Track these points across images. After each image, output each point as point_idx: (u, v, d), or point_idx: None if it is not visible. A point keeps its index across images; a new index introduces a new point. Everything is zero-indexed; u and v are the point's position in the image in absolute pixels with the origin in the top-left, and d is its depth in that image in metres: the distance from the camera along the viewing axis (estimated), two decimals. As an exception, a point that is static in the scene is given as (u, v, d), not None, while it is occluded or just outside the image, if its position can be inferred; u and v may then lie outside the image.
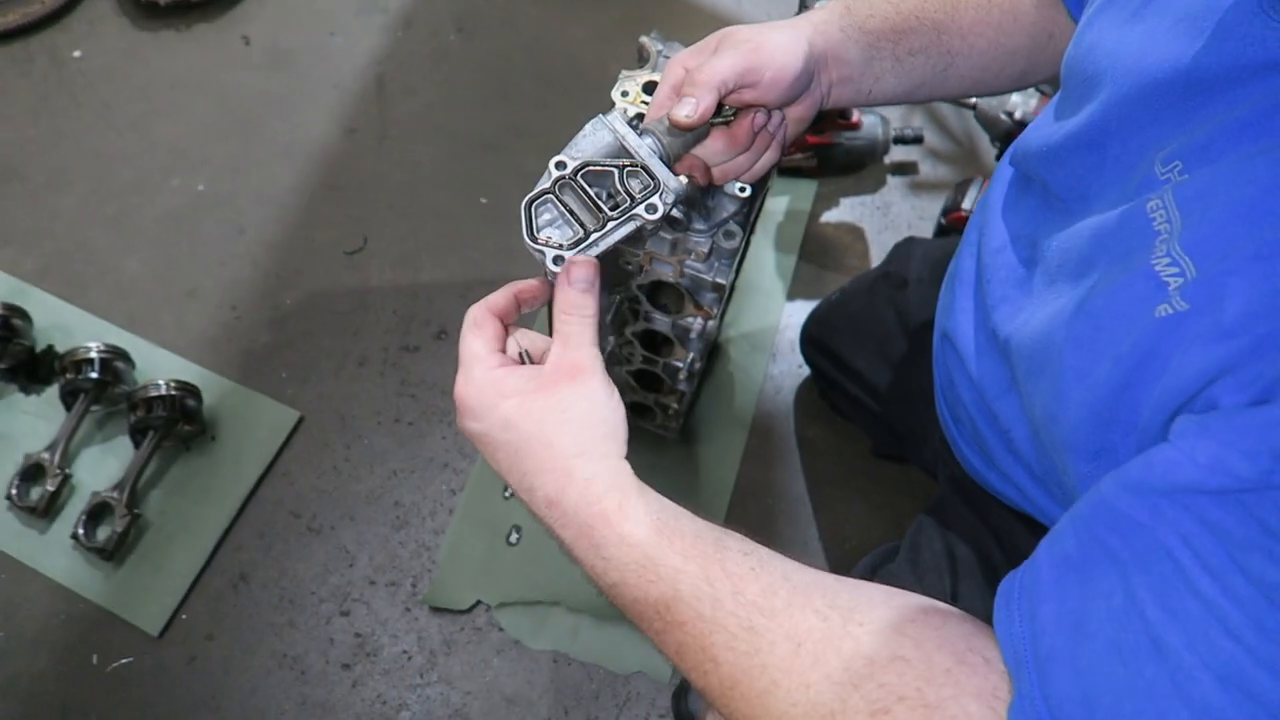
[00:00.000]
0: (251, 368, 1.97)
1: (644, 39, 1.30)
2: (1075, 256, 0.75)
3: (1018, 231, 0.92)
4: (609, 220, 0.86)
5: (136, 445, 1.85)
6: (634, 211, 0.87)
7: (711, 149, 0.98)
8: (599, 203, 0.87)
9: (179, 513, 1.83)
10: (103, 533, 1.77)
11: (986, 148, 2.35)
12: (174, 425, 1.83)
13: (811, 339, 1.68)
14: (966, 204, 2.00)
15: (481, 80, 2.39)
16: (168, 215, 2.18)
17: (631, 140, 0.91)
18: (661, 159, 0.92)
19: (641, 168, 0.89)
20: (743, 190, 1.12)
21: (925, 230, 2.28)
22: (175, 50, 2.43)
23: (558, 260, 0.83)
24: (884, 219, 2.27)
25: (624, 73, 1.19)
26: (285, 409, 1.94)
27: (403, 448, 1.91)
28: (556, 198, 0.87)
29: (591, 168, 0.90)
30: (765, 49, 0.91)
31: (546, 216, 0.88)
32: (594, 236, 0.86)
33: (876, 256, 2.24)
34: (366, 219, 2.18)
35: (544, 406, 0.74)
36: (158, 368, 1.97)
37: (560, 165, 0.88)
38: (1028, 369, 0.78)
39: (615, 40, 2.48)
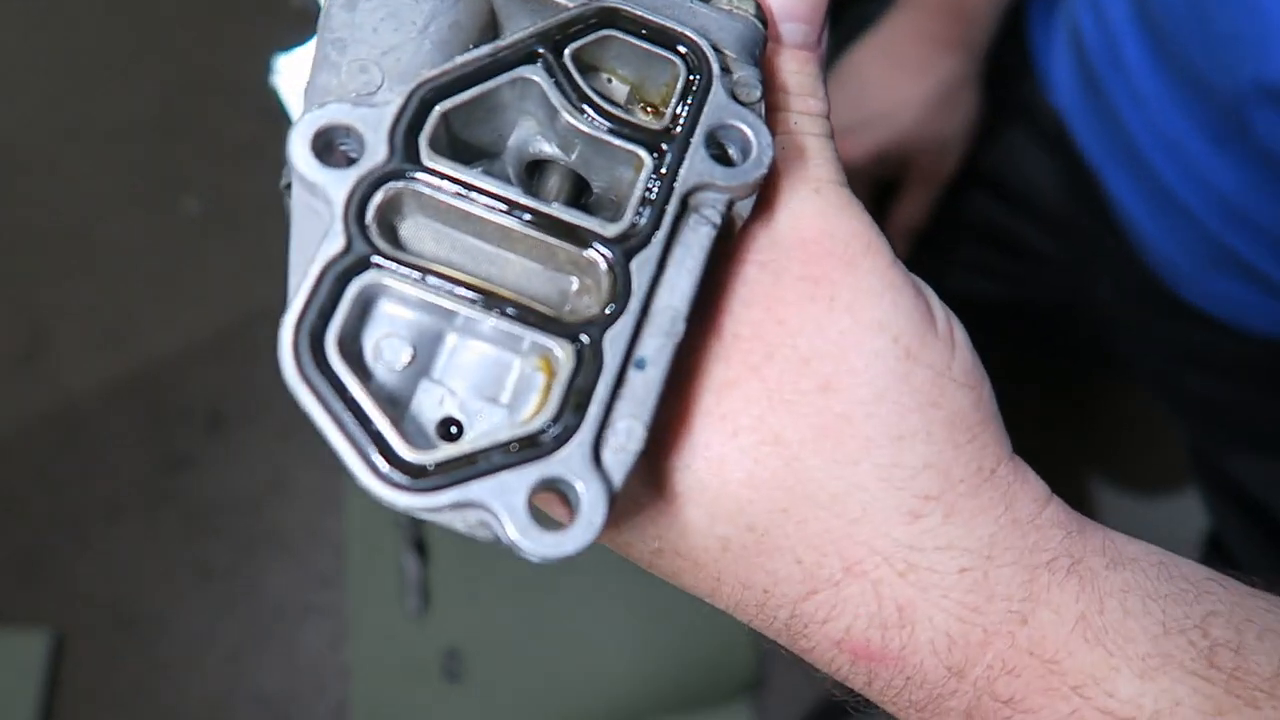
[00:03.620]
0: None
1: None
2: None
3: None
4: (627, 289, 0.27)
5: None
6: (699, 200, 0.28)
7: None
8: (548, 211, 0.27)
9: None
10: None
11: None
12: None
13: None
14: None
15: (120, 25, 1.84)
16: None
17: None
18: None
19: (640, 25, 0.29)
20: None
21: None
22: None
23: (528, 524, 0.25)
24: None
25: None
26: (24, 635, 1.43)
27: (232, 611, 1.46)
28: (401, 265, 0.26)
29: (459, 99, 0.27)
30: None
31: (391, 341, 0.27)
32: (604, 391, 0.26)
33: None
34: (27, 298, 1.67)
35: (774, 381, 0.32)
36: None
37: (332, 138, 0.26)
38: None
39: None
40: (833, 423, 0.32)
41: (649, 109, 0.32)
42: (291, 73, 0.59)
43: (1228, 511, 0.89)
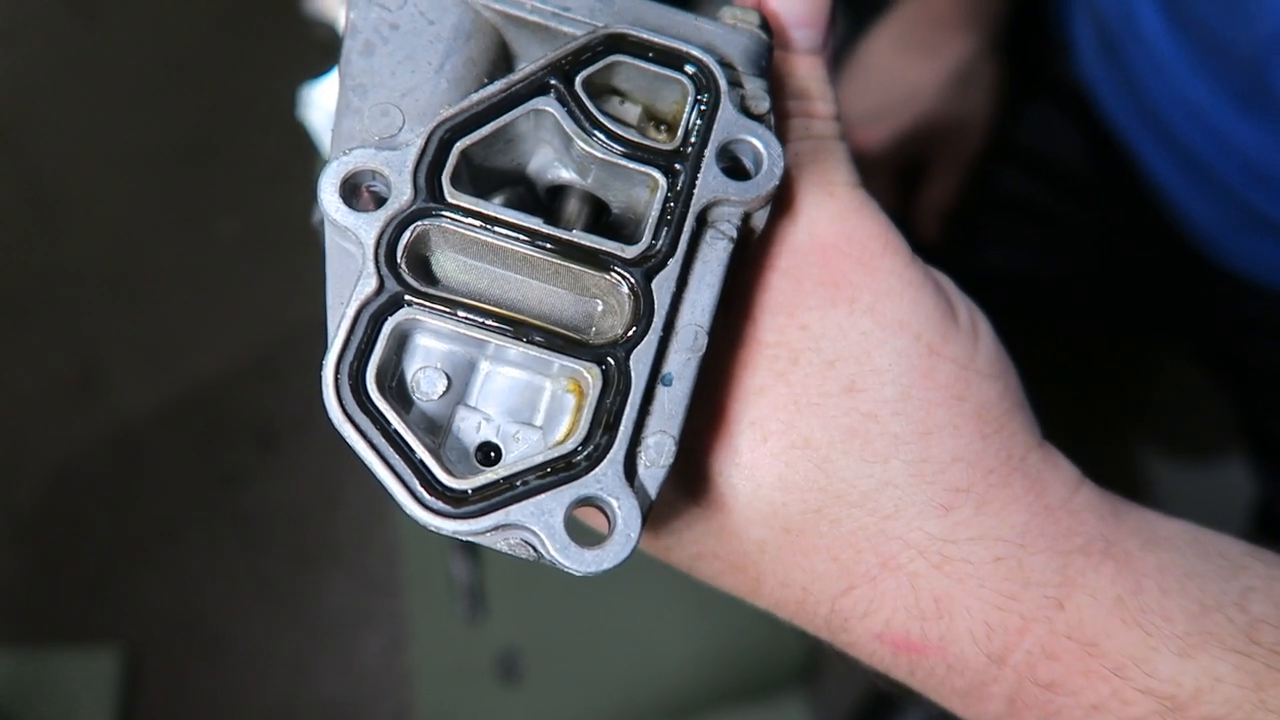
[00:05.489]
0: (21, 617, 1.49)
1: None
2: None
3: None
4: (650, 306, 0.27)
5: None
6: (715, 215, 0.29)
7: None
8: (568, 238, 0.28)
9: None
10: None
11: None
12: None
13: None
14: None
15: (148, 57, 1.86)
16: None
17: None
18: None
19: (647, 47, 0.30)
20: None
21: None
22: None
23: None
24: None
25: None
26: (97, 654, 1.45)
27: (292, 622, 1.46)
28: (432, 301, 0.28)
29: (476, 135, 0.28)
30: None
31: (427, 373, 0.28)
32: (632, 410, 0.27)
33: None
34: (79, 329, 1.68)
35: (800, 386, 0.32)
36: None
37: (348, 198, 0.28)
38: None
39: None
40: (860, 423, 0.32)
41: (662, 126, 0.32)
42: (317, 104, 0.60)
43: (1278, 478, 0.87)
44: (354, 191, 0.28)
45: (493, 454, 0.28)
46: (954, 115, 0.88)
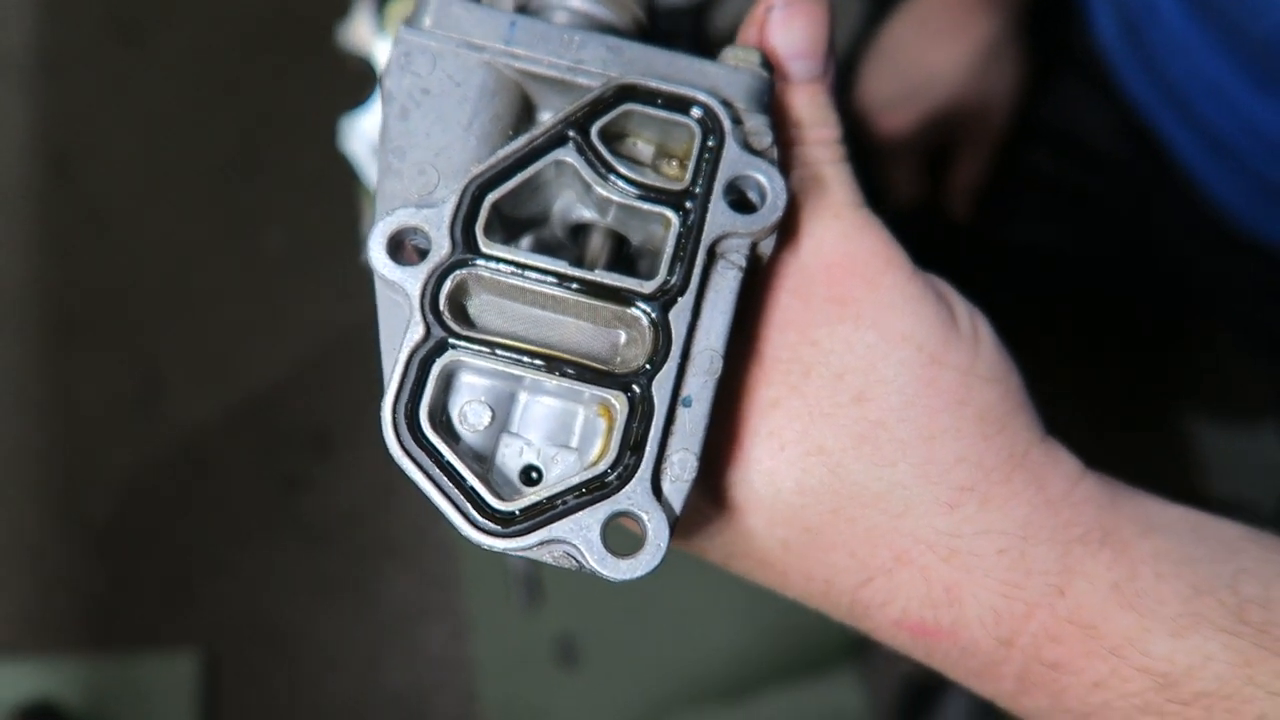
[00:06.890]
0: (102, 624, 1.52)
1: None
2: None
3: None
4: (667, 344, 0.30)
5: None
6: (724, 247, 0.32)
7: None
8: (592, 278, 0.31)
9: None
10: None
11: None
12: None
13: None
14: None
15: (192, 79, 1.89)
16: None
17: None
18: (630, 35, 0.36)
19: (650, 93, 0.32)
20: None
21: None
22: None
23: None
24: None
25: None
26: (176, 657, 1.49)
27: (361, 617, 1.50)
28: (473, 343, 0.31)
29: (505, 188, 0.32)
30: None
31: (473, 406, 0.32)
32: (656, 432, 0.30)
33: None
34: (139, 345, 1.71)
35: (813, 397, 0.35)
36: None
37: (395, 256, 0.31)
38: None
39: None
40: (869, 430, 0.34)
41: (674, 160, 0.35)
42: (357, 133, 0.64)
43: None
44: (399, 247, 0.31)
45: (534, 474, 0.31)
46: (979, 97, 0.88)
